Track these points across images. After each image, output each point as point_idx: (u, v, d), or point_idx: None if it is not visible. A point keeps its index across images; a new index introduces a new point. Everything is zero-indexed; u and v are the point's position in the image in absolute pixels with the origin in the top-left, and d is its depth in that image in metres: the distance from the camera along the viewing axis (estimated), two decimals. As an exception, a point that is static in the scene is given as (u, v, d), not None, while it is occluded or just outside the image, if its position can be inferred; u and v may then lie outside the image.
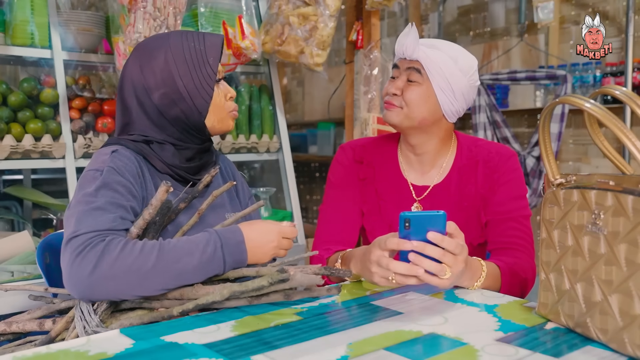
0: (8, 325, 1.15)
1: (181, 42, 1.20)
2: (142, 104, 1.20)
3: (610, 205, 0.80)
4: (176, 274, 1.01)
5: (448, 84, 1.34)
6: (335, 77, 4.13)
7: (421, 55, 1.34)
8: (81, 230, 1.01)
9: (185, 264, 1.01)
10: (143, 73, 1.19)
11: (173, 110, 1.19)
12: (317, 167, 4.97)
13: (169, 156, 1.21)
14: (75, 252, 0.98)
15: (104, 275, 0.97)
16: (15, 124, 1.98)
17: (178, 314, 1.01)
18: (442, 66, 1.33)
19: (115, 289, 0.99)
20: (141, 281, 0.99)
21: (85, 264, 0.97)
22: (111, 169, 1.11)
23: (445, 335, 0.89)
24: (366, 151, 1.52)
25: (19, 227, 2.47)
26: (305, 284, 1.05)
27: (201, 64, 1.19)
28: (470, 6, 4.09)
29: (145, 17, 1.87)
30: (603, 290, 0.82)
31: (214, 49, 1.21)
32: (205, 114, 1.21)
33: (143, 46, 1.23)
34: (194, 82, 1.19)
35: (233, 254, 1.06)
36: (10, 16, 2.03)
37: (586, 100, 0.84)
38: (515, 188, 1.41)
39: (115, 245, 0.99)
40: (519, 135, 3.62)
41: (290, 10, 2.32)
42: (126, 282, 0.98)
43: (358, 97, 2.67)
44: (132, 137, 1.21)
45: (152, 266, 0.99)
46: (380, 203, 1.47)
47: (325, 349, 0.83)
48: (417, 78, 1.36)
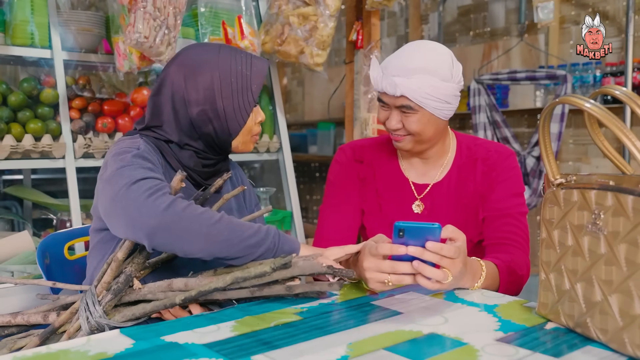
0: (13, 317, 1.15)
1: (229, 63, 1.21)
2: (177, 112, 1.21)
3: (610, 205, 0.80)
4: (236, 236, 1.04)
5: (440, 101, 1.30)
6: (335, 77, 4.13)
7: (403, 90, 1.28)
8: (140, 176, 1.04)
9: (245, 232, 1.05)
10: (186, 85, 1.20)
11: (206, 127, 1.21)
12: (317, 167, 4.97)
13: (186, 158, 1.23)
14: (149, 191, 1.02)
15: (178, 214, 1.01)
16: (15, 124, 1.99)
17: (180, 301, 1.01)
18: (428, 90, 1.28)
19: (184, 230, 1.01)
20: (207, 230, 1.02)
21: (161, 201, 1.01)
22: (146, 146, 1.16)
23: (445, 335, 0.89)
24: (366, 151, 1.52)
25: (19, 227, 2.47)
26: (307, 271, 1.05)
27: (245, 90, 1.22)
28: (470, 6, 4.09)
29: (145, 17, 1.87)
30: (603, 290, 0.82)
31: (259, 77, 1.24)
32: (235, 135, 1.24)
33: (191, 57, 1.22)
34: (234, 106, 1.21)
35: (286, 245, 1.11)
36: (10, 16, 2.03)
37: (586, 100, 0.84)
38: (512, 186, 1.41)
39: (183, 200, 1.04)
40: (519, 135, 3.63)
41: (290, 10, 2.32)
42: (196, 225, 1.02)
43: (358, 97, 2.67)
44: (154, 134, 1.23)
45: (218, 220, 1.03)
46: (381, 202, 1.47)
47: (325, 349, 0.83)
48: (410, 111, 1.31)
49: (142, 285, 1.08)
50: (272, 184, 2.92)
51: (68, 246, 1.52)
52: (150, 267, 1.14)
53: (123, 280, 1.06)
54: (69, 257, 1.50)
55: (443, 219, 1.39)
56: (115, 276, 1.07)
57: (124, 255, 1.08)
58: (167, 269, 1.16)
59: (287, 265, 1.01)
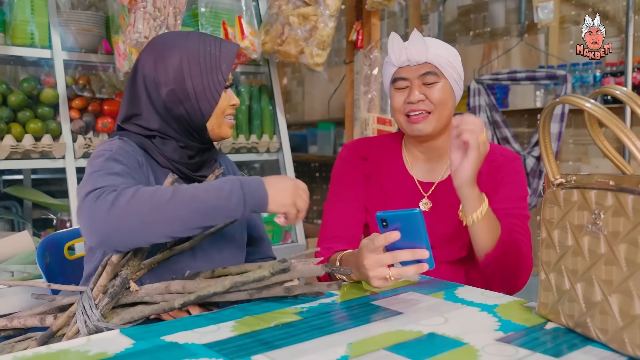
0: (9, 320, 1.15)
1: (198, 44, 1.22)
2: (151, 96, 1.22)
3: (610, 205, 0.80)
4: (194, 208, 0.99)
5: (458, 74, 1.39)
6: (335, 77, 4.13)
7: (430, 56, 1.35)
8: (98, 185, 1.02)
9: (204, 199, 1.00)
10: (156, 67, 1.21)
11: (178, 109, 1.22)
12: (317, 167, 4.96)
13: (170, 151, 1.23)
14: (93, 198, 0.98)
15: (122, 210, 0.96)
16: (15, 124, 1.98)
17: (179, 305, 1.01)
18: (450, 58, 1.37)
19: (135, 223, 0.97)
20: (160, 214, 0.98)
21: (104, 202, 0.97)
22: (120, 149, 1.15)
23: (445, 335, 0.89)
24: (371, 148, 1.52)
25: (19, 227, 2.47)
26: (306, 275, 1.05)
27: (214, 69, 1.22)
28: (470, 6, 4.09)
29: (145, 17, 1.87)
30: (603, 290, 0.82)
31: (229, 57, 1.24)
32: (208, 117, 1.23)
33: (160, 41, 1.25)
34: (203, 85, 1.21)
35: (253, 194, 1.04)
36: (10, 16, 2.03)
37: (586, 100, 0.84)
38: (517, 189, 1.42)
39: (130, 189, 1.00)
40: (519, 135, 3.62)
41: (290, 10, 2.32)
42: (146, 214, 0.97)
43: (358, 97, 2.67)
44: (136, 129, 1.23)
45: (169, 199, 0.98)
46: (386, 200, 1.47)
47: (325, 349, 0.83)
48: (434, 79, 1.36)
49: (139, 288, 1.07)
50: (272, 184, 2.92)
51: (68, 246, 1.52)
52: (146, 268, 1.13)
53: (119, 283, 1.06)
54: (69, 257, 1.51)
55: (450, 216, 1.39)
56: (111, 279, 1.07)
57: (118, 258, 1.09)
58: (163, 268, 1.15)
59: (285, 270, 1.01)
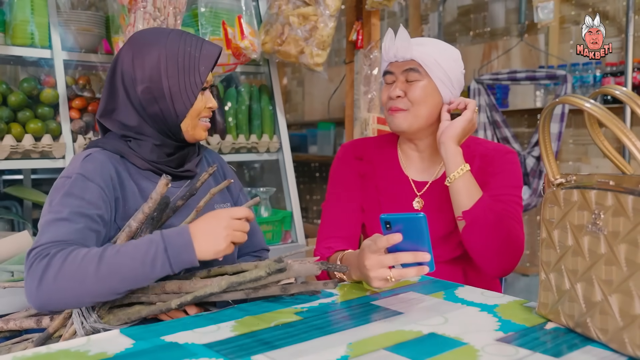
0: (5, 322, 1.15)
1: (178, 44, 1.21)
2: (128, 92, 1.21)
3: (610, 205, 0.80)
4: (119, 279, 0.99)
5: (446, 74, 1.37)
6: (335, 77, 4.13)
7: (415, 53, 1.36)
8: (40, 241, 1.03)
9: (129, 269, 0.99)
10: (133, 63, 1.20)
11: (152, 107, 1.20)
12: (317, 167, 4.96)
13: (147, 152, 1.22)
14: (27, 264, 1.00)
15: (49, 289, 0.98)
16: (15, 124, 1.98)
17: (176, 306, 1.01)
18: (438, 58, 1.36)
19: (63, 300, 1.00)
20: (86, 289, 0.99)
21: (32, 278, 0.99)
22: (79, 176, 1.12)
23: (445, 335, 0.89)
24: (367, 148, 1.54)
25: (19, 227, 2.46)
26: (302, 274, 1.05)
27: (192, 70, 1.20)
28: (470, 6, 4.09)
29: (145, 17, 1.87)
30: (603, 290, 0.82)
31: (208, 59, 1.22)
32: (182, 117, 1.22)
33: (140, 37, 1.24)
34: (179, 86, 1.19)
35: (178, 255, 1.01)
36: (10, 16, 2.03)
37: (586, 100, 0.84)
38: (509, 177, 1.41)
39: (59, 257, 0.99)
40: (519, 135, 3.62)
41: (290, 10, 2.32)
42: (72, 292, 0.99)
43: (358, 97, 2.67)
44: (114, 126, 1.22)
45: (94, 274, 0.98)
46: (381, 199, 1.48)
47: (325, 349, 0.83)
48: (416, 77, 1.37)
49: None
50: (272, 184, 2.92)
51: (68, 246, 1.52)
52: None
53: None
54: (69, 257, 1.50)
55: (442, 215, 1.40)
56: None
57: None
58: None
59: (282, 270, 1.01)
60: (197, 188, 1.21)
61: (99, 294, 1.00)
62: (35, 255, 1.00)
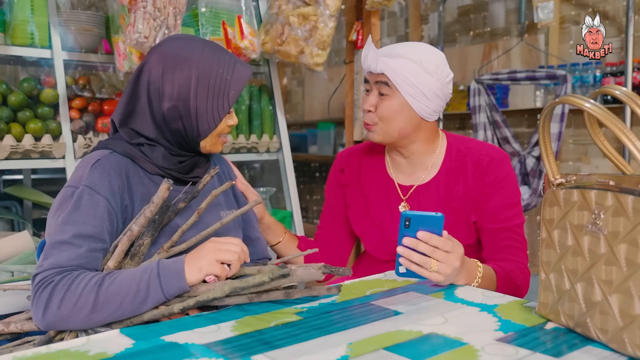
0: (6, 325, 1.15)
1: (211, 65, 1.18)
2: (151, 103, 1.19)
3: (610, 205, 0.80)
4: (116, 308, 1.02)
5: (417, 90, 1.33)
6: (335, 77, 4.13)
7: (384, 67, 1.33)
8: (44, 266, 1.05)
9: (124, 296, 1.02)
10: (163, 78, 1.17)
11: (176, 124, 1.19)
12: (317, 167, 4.96)
13: (159, 158, 1.21)
14: (34, 290, 1.04)
15: (53, 316, 1.03)
16: (15, 124, 1.98)
17: (179, 310, 1.01)
18: (408, 74, 1.32)
19: (67, 325, 1.04)
20: (87, 318, 1.02)
21: (38, 307, 1.03)
22: (86, 189, 1.11)
23: (445, 335, 0.89)
24: (352, 157, 1.56)
25: (19, 227, 2.46)
26: (306, 280, 1.05)
27: (222, 94, 1.18)
28: (470, 6, 4.09)
29: (145, 17, 1.87)
30: (603, 290, 0.82)
31: (239, 83, 1.20)
32: (204, 137, 1.21)
33: (173, 50, 1.19)
34: (207, 107, 1.18)
35: (169, 281, 1.03)
36: (10, 16, 2.03)
37: (586, 100, 0.84)
38: (508, 195, 1.40)
39: (62, 286, 1.03)
40: (519, 135, 3.62)
41: (290, 10, 2.32)
42: (74, 319, 1.03)
43: (358, 97, 2.67)
44: (128, 135, 1.21)
45: (93, 303, 1.02)
46: (368, 205, 1.50)
47: (325, 349, 0.83)
48: (387, 91, 1.35)
49: None
50: (272, 184, 2.92)
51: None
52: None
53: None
54: (69, 257, 1.50)
55: None
56: None
57: (115, 263, 1.09)
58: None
59: (285, 275, 1.01)
60: (199, 190, 1.21)
61: (100, 321, 1.03)
62: (39, 283, 1.04)
